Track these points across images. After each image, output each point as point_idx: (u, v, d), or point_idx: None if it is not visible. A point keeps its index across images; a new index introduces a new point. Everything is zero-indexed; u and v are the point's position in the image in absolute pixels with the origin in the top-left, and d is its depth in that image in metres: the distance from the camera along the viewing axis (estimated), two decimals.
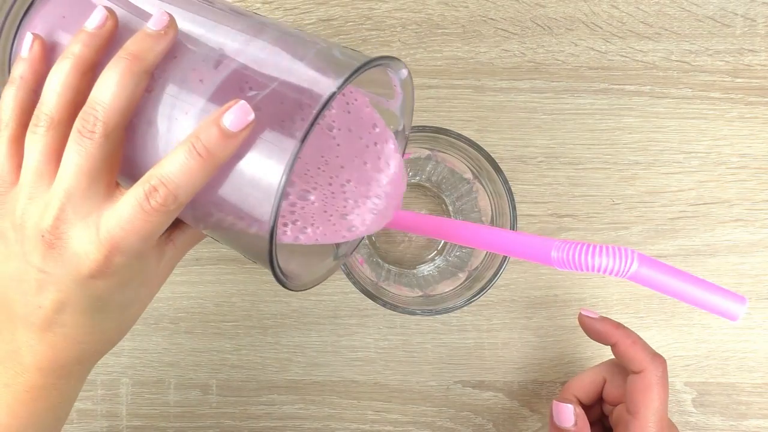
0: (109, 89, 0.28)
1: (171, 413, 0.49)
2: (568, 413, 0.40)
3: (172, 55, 0.29)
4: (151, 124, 0.29)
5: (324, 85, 0.27)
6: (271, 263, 0.28)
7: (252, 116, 0.27)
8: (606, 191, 0.49)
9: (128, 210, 0.28)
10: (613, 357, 0.42)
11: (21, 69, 0.31)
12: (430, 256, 0.50)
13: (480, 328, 0.49)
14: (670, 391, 0.40)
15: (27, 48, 0.31)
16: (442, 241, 0.50)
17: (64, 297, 0.30)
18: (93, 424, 0.49)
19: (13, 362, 0.31)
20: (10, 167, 0.30)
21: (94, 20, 0.29)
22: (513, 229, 0.41)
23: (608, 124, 0.49)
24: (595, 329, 0.41)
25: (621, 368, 0.42)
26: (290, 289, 0.31)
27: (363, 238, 0.37)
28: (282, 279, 0.30)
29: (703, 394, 0.49)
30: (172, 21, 0.29)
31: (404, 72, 0.31)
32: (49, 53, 0.32)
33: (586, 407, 0.43)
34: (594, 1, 0.50)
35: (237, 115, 0.27)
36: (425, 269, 0.50)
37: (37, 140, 0.29)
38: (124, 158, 0.30)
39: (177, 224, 0.33)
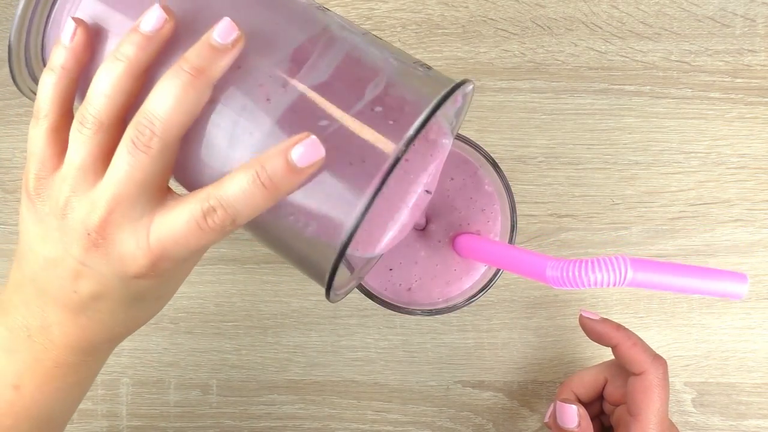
0: (168, 103, 0.26)
1: (171, 413, 0.49)
2: (572, 414, 0.40)
3: (236, 65, 0.27)
4: (209, 137, 0.28)
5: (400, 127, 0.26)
6: (331, 278, 0.28)
7: (322, 153, 0.26)
8: (606, 191, 0.49)
9: (182, 224, 0.27)
10: (613, 357, 0.42)
11: (62, 58, 0.29)
12: None
13: (480, 328, 0.49)
14: (669, 391, 0.40)
15: (69, 36, 0.28)
16: None
17: (103, 289, 0.30)
18: (93, 424, 0.49)
19: (42, 338, 0.31)
20: (51, 153, 0.29)
21: (151, 21, 0.27)
22: (513, 229, 0.41)
23: (608, 124, 0.49)
24: (595, 331, 0.41)
25: (622, 369, 0.42)
26: (332, 301, 0.30)
27: None
28: (332, 293, 0.30)
29: (703, 394, 0.49)
30: (240, 34, 0.27)
31: (470, 87, 0.30)
32: (92, 40, 0.29)
33: (584, 404, 0.43)
34: (594, 1, 0.50)
35: (307, 150, 0.26)
36: None
37: (83, 141, 0.28)
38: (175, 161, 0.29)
39: None
